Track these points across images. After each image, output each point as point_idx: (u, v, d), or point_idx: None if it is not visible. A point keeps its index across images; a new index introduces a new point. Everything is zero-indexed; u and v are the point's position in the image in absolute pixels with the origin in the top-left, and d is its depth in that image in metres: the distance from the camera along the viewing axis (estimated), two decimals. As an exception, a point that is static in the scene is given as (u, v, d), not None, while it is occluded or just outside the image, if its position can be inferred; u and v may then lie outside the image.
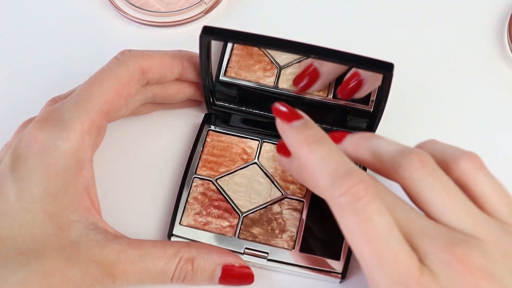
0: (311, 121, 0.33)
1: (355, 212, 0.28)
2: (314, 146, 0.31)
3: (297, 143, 0.32)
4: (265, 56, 0.45)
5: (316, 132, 0.32)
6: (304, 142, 0.31)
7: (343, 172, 0.29)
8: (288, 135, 0.32)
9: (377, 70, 0.37)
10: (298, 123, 0.32)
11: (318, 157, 0.30)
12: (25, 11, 0.50)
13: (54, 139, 0.35)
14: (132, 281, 0.35)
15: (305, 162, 0.31)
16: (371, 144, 0.33)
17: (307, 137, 0.31)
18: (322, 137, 0.31)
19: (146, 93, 0.41)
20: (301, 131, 0.32)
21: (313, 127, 0.32)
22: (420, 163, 0.31)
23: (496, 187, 0.32)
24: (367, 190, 0.28)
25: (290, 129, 0.32)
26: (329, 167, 0.30)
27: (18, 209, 0.34)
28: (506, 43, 0.47)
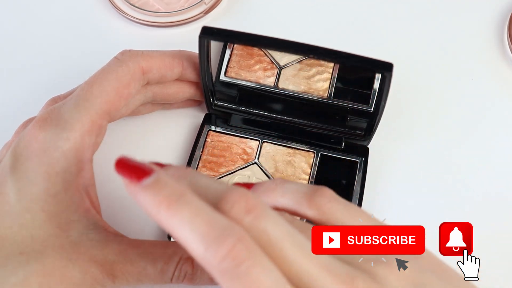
0: (165, 175, 0.27)
1: (239, 277, 0.25)
2: (175, 207, 0.26)
3: (154, 207, 0.26)
4: (265, 56, 0.45)
5: (174, 189, 0.27)
6: (161, 205, 0.26)
7: (217, 233, 0.26)
8: (142, 200, 0.27)
9: (376, 70, 0.37)
10: (149, 181, 0.27)
11: (182, 220, 0.26)
12: (25, 11, 0.50)
13: (54, 139, 0.35)
14: (132, 281, 0.35)
15: (168, 228, 0.26)
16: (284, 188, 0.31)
17: (165, 198, 0.26)
18: (182, 194, 0.27)
19: (146, 93, 0.41)
20: (156, 191, 0.27)
21: (169, 184, 0.27)
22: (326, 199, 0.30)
23: (353, 212, 0.30)
24: (248, 251, 0.26)
25: (142, 192, 0.27)
26: (199, 230, 0.26)
27: (18, 209, 0.34)
28: (506, 43, 0.47)
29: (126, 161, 0.29)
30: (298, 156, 0.42)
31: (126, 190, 0.28)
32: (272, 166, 0.42)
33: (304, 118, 0.43)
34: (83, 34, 0.49)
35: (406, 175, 0.43)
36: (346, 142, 0.43)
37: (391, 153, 0.43)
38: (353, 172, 0.42)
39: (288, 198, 0.31)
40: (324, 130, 0.43)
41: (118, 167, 0.28)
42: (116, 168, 0.28)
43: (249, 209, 0.27)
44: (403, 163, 0.43)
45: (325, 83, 0.44)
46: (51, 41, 0.48)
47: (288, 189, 0.31)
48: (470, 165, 0.43)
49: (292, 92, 0.44)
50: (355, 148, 0.43)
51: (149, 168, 0.28)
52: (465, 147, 0.44)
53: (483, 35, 0.48)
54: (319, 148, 0.43)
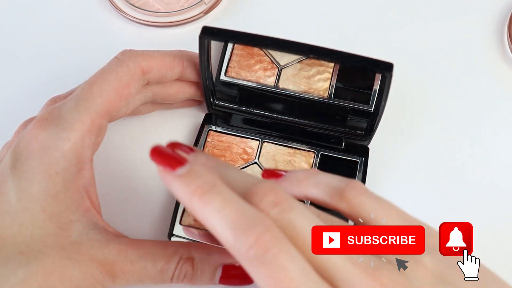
0: (198, 166, 0.29)
1: (265, 264, 0.26)
2: (207, 197, 0.27)
3: (187, 196, 0.28)
4: (265, 56, 0.45)
5: (207, 180, 0.28)
6: (195, 195, 0.28)
7: (246, 223, 0.27)
8: (175, 188, 0.28)
9: (377, 70, 0.37)
10: (183, 171, 0.28)
11: (214, 210, 0.27)
12: (25, 11, 0.50)
13: (54, 139, 0.35)
14: (132, 281, 0.35)
15: (200, 216, 0.28)
16: (316, 179, 0.32)
17: (198, 188, 0.28)
18: (214, 184, 0.28)
19: (146, 93, 0.41)
20: (189, 180, 0.28)
21: (202, 174, 0.28)
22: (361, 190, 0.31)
23: (384, 206, 0.31)
24: (275, 240, 0.27)
25: (176, 180, 0.28)
26: (229, 219, 0.27)
27: (19, 208, 0.34)
28: (506, 43, 0.47)
29: (161, 150, 0.29)
30: (298, 156, 0.42)
31: (160, 177, 0.29)
32: (272, 166, 0.42)
33: (304, 118, 0.43)
34: (83, 34, 0.49)
35: (406, 175, 0.43)
36: (347, 142, 0.43)
37: (391, 153, 0.43)
38: (353, 172, 0.42)
39: (320, 189, 0.32)
40: (324, 130, 0.43)
41: (153, 155, 0.29)
42: (151, 155, 0.29)
43: (277, 202, 0.28)
44: (403, 163, 0.43)
45: (326, 83, 0.44)
46: (51, 41, 0.48)
47: (320, 181, 0.32)
48: (470, 165, 0.43)
49: (293, 92, 0.44)
50: (355, 148, 0.43)
51: (183, 158, 0.29)
52: (465, 147, 0.44)
53: (483, 35, 0.48)
54: (320, 148, 0.43)
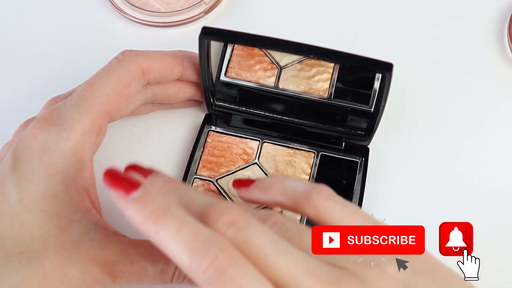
0: (153, 189, 0.29)
1: (223, 285, 0.26)
2: (162, 221, 0.27)
3: (142, 221, 0.28)
4: (265, 56, 0.45)
5: (161, 203, 0.28)
6: (149, 219, 0.27)
7: (200, 245, 0.27)
8: (129, 213, 0.28)
9: (376, 70, 0.37)
10: (137, 195, 0.28)
11: (169, 233, 0.27)
12: (25, 11, 0.50)
13: (54, 139, 0.35)
14: (132, 281, 0.35)
15: (156, 241, 0.28)
16: (284, 185, 0.32)
17: (152, 212, 0.27)
18: (168, 208, 0.28)
19: (146, 93, 0.41)
20: (143, 205, 0.28)
21: (156, 197, 0.28)
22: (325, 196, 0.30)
23: (349, 211, 0.30)
24: (230, 260, 0.26)
25: (130, 205, 0.28)
26: (184, 242, 0.27)
27: (19, 209, 0.34)
28: (506, 43, 0.47)
29: (114, 173, 0.29)
30: (298, 156, 0.42)
31: (115, 202, 0.28)
32: (273, 166, 0.42)
33: (304, 118, 0.43)
34: (83, 34, 0.49)
35: (406, 175, 0.43)
36: (347, 142, 0.43)
37: (391, 153, 0.43)
38: (353, 172, 0.42)
39: (287, 195, 0.32)
40: (324, 130, 0.43)
41: (106, 179, 0.29)
42: (104, 180, 0.29)
43: (232, 222, 0.28)
44: (403, 163, 0.43)
45: (325, 83, 0.44)
46: (51, 41, 0.48)
47: (287, 187, 0.32)
48: (470, 165, 0.43)
49: (293, 92, 0.44)
50: (356, 148, 0.43)
51: (136, 181, 0.28)
52: (465, 147, 0.44)
53: (483, 35, 0.48)
54: (320, 148, 0.43)
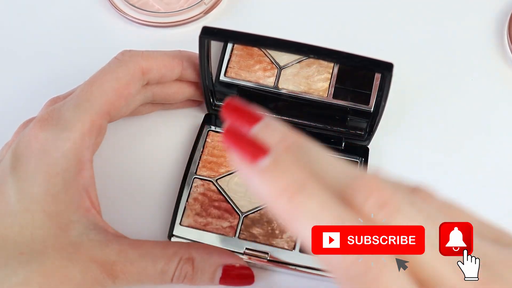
0: (282, 156, 0.24)
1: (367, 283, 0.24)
2: (299, 200, 0.23)
3: (273, 196, 0.23)
4: (265, 57, 0.45)
5: (297, 177, 0.23)
6: (283, 195, 0.23)
7: None
8: (257, 184, 0.23)
9: (376, 70, 0.37)
10: (266, 163, 0.23)
11: (307, 216, 0.23)
12: (25, 11, 0.50)
13: (54, 139, 0.35)
14: (132, 281, 0.35)
15: (288, 220, 0.23)
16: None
17: (286, 187, 0.23)
18: (304, 183, 0.23)
19: (146, 93, 0.41)
20: (275, 178, 0.23)
21: (290, 168, 0.23)
22: None
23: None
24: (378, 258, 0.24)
25: (258, 176, 0.23)
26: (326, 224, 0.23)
27: (19, 209, 0.34)
28: (506, 43, 0.47)
29: (236, 131, 0.24)
30: (298, 156, 0.42)
31: (236, 167, 0.24)
32: (272, 166, 0.42)
33: (304, 119, 0.43)
34: (83, 34, 0.49)
35: (406, 175, 0.42)
36: (346, 142, 0.43)
37: (391, 153, 0.43)
38: (353, 172, 0.42)
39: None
40: (324, 130, 0.43)
41: (227, 139, 0.24)
42: (224, 139, 0.24)
43: (383, 204, 0.24)
44: (403, 163, 0.43)
45: (325, 83, 0.44)
46: (51, 41, 0.48)
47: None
48: (470, 165, 0.43)
49: (292, 92, 0.44)
50: (355, 149, 0.43)
51: (264, 146, 0.24)
52: (465, 147, 0.44)
53: (483, 35, 0.48)
54: (319, 148, 0.42)
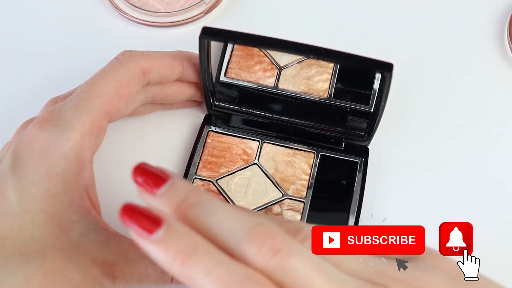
0: (175, 224, 0.26)
1: None
2: (190, 262, 0.25)
3: (168, 263, 0.25)
4: (265, 57, 0.45)
5: (187, 242, 0.26)
6: (176, 261, 0.25)
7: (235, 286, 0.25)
8: (153, 254, 0.26)
9: (376, 70, 0.37)
10: (160, 234, 0.26)
11: (199, 275, 0.25)
12: (25, 12, 0.50)
13: (54, 139, 0.35)
14: (132, 281, 0.35)
15: (186, 282, 0.26)
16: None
17: (178, 253, 0.25)
18: (195, 246, 0.26)
19: (146, 94, 0.41)
20: (168, 246, 0.25)
21: (181, 235, 0.26)
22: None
23: None
24: None
25: (153, 246, 0.26)
26: (217, 284, 0.25)
27: (19, 209, 0.34)
28: (506, 43, 0.47)
29: (132, 209, 0.27)
30: (298, 156, 0.42)
31: (135, 241, 0.26)
32: (272, 167, 0.42)
33: (304, 119, 0.43)
34: (83, 34, 0.49)
35: (406, 175, 0.43)
36: (346, 142, 0.43)
37: (391, 154, 0.43)
38: (353, 173, 0.42)
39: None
40: (324, 131, 0.43)
41: (123, 216, 0.27)
42: (121, 217, 0.27)
43: (276, 250, 0.26)
44: (403, 163, 0.43)
45: (325, 83, 0.44)
46: (51, 41, 0.48)
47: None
48: (470, 165, 0.43)
49: (292, 92, 0.44)
50: (355, 149, 0.43)
51: (158, 218, 0.26)
52: (465, 147, 0.44)
53: (483, 35, 0.48)
54: (319, 148, 0.43)
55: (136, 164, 0.29)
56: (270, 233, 0.26)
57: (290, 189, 0.41)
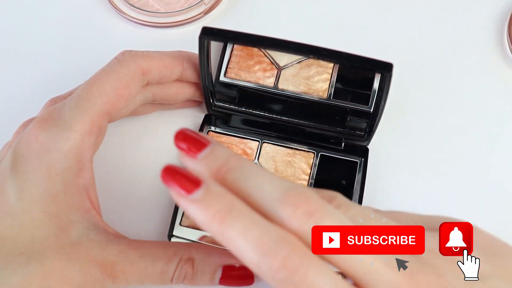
0: (213, 185, 0.27)
1: (294, 284, 0.26)
2: (228, 222, 0.26)
3: (207, 222, 0.27)
4: (265, 57, 0.45)
5: (225, 203, 0.27)
6: (214, 220, 0.27)
7: (270, 246, 0.26)
8: (192, 213, 0.27)
9: (376, 70, 0.37)
10: (199, 194, 0.27)
11: (236, 234, 0.26)
12: (25, 12, 0.50)
13: (54, 140, 0.35)
14: (132, 281, 0.35)
15: (222, 241, 0.27)
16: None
17: (217, 213, 0.27)
18: (232, 206, 0.27)
19: (146, 94, 0.41)
20: (207, 206, 0.27)
21: (219, 196, 0.27)
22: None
23: None
24: (301, 259, 0.26)
25: (192, 206, 0.27)
26: (253, 244, 0.26)
27: (19, 209, 0.34)
28: (506, 43, 0.47)
29: (172, 169, 0.28)
30: (298, 156, 0.42)
31: (175, 201, 0.27)
32: (272, 167, 0.42)
33: (304, 119, 0.43)
34: (83, 34, 0.49)
35: (406, 175, 0.43)
36: (346, 142, 0.43)
37: (391, 154, 0.43)
38: (353, 173, 0.42)
39: None
40: (324, 131, 0.43)
41: (164, 176, 0.28)
42: (162, 176, 0.28)
43: (311, 212, 0.27)
44: (403, 163, 0.43)
45: (325, 83, 0.44)
46: (51, 41, 0.48)
47: None
48: (470, 165, 0.43)
49: (292, 92, 0.44)
50: (355, 149, 0.43)
51: (197, 179, 0.27)
52: (465, 147, 0.44)
53: (483, 35, 0.48)
54: (319, 148, 0.43)
55: (178, 129, 0.29)
56: (305, 197, 0.27)
57: (290, 189, 0.41)
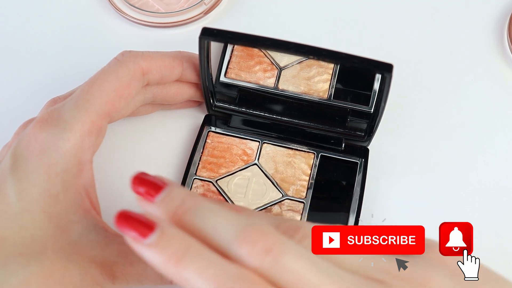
0: (168, 228, 0.27)
1: None
2: (184, 263, 0.26)
3: (162, 264, 0.27)
4: (265, 57, 0.45)
5: (180, 244, 0.27)
6: (170, 262, 0.26)
7: (228, 284, 0.26)
8: (148, 257, 0.27)
9: (376, 71, 0.37)
10: (153, 238, 0.27)
11: (192, 274, 0.26)
12: (25, 12, 0.50)
13: (54, 140, 0.35)
14: (132, 282, 0.35)
15: (180, 282, 0.27)
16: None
17: (172, 255, 0.26)
18: (188, 247, 0.27)
19: (146, 94, 0.41)
20: (161, 248, 0.27)
21: (174, 238, 0.27)
22: None
23: None
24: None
25: (147, 250, 0.27)
26: (210, 282, 0.26)
27: (18, 209, 0.34)
28: (506, 43, 0.47)
29: (126, 215, 0.28)
30: (298, 157, 0.42)
31: (130, 246, 0.27)
32: (272, 167, 0.42)
33: (304, 119, 0.43)
34: (83, 34, 0.49)
35: (406, 175, 0.43)
36: (346, 143, 0.43)
37: (391, 154, 0.43)
38: (353, 173, 0.42)
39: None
40: (324, 131, 0.43)
41: (118, 222, 0.28)
42: (116, 223, 0.28)
43: (268, 249, 0.26)
44: (403, 164, 0.43)
45: (325, 84, 0.44)
46: (51, 41, 0.48)
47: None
48: (470, 165, 0.43)
49: (292, 93, 0.44)
50: (355, 149, 0.43)
51: (151, 223, 0.27)
52: (465, 148, 0.44)
53: (483, 35, 0.48)
54: (319, 149, 0.43)
55: (134, 173, 0.30)
56: (262, 233, 0.27)
57: (290, 189, 0.41)
